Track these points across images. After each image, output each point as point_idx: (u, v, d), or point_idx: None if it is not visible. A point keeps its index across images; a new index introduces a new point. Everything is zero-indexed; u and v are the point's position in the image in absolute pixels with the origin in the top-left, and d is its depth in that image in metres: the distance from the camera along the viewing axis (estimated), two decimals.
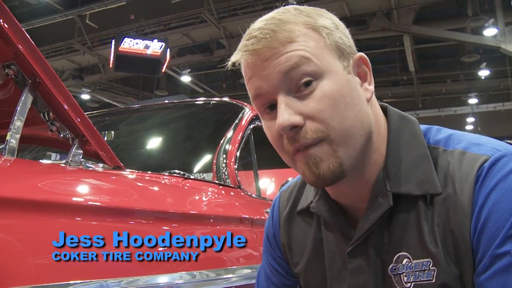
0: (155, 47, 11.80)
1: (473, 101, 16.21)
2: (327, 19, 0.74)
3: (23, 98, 1.15)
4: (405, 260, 0.72)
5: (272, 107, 0.73)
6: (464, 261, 0.67)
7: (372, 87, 0.76)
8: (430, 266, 0.69)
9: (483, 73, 14.67)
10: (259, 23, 0.72)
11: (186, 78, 15.65)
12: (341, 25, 0.76)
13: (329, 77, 0.70)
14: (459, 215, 0.67)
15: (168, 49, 12.07)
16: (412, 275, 0.71)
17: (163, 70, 12.39)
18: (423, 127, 0.79)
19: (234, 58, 0.74)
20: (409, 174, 0.73)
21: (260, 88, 0.72)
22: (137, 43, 11.78)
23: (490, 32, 11.04)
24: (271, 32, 0.69)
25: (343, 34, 0.75)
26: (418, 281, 0.70)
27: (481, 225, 0.65)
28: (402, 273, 0.72)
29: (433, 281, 0.69)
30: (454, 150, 0.73)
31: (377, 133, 0.76)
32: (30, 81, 1.16)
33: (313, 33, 0.71)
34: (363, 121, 0.72)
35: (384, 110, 0.81)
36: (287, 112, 0.69)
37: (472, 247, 0.66)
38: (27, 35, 1.10)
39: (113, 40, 11.93)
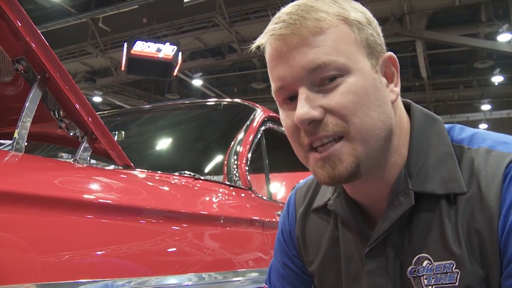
0: (167, 50, 11.82)
1: (486, 107, 16.05)
2: (361, 13, 0.72)
3: (32, 93, 1.13)
4: (425, 262, 0.69)
5: (291, 98, 0.71)
6: (490, 262, 0.64)
7: (398, 89, 0.74)
8: (453, 268, 0.66)
9: (497, 79, 14.49)
10: (289, 8, 0.70)
11: (197, 82, 15.68)
12: (374, 21, 0.74)
13: (356, 74, 0.67)
14: (485, 214, 0.65)
15: (180, 53, 12.08)
16: (433, 278, 0.68)
17: (174, 74, 12.43)
18: (445, 125, 0.77)
19: (259, 41, 0.72)
20: (433, 173, 0.70)
21: (284, 79, 0.69)
22: (149, 46, 11.80)
23: (504, 37, 10.90)
24: (301, 19, 0.67)
25: (375, 31, 0.72)
26: (439, 284, 0.67)
27: (509, 225, 0.62)
28: (422, 275, 0.69)
29: (456, 284, 0.66)
30: (479, 148, 0.70)
31: (398, 135, 0.74)
32: (39, 76, 1.14)
33: (344, 26, 0.69)
34: (385, 122, 0.70)
35: (408, 107, 0.78)
36: (307, 105, 0.67)
37: (499, 248, 0.63)
38: (37, 29, 1.08)
39: (126, 43, 11.99)
